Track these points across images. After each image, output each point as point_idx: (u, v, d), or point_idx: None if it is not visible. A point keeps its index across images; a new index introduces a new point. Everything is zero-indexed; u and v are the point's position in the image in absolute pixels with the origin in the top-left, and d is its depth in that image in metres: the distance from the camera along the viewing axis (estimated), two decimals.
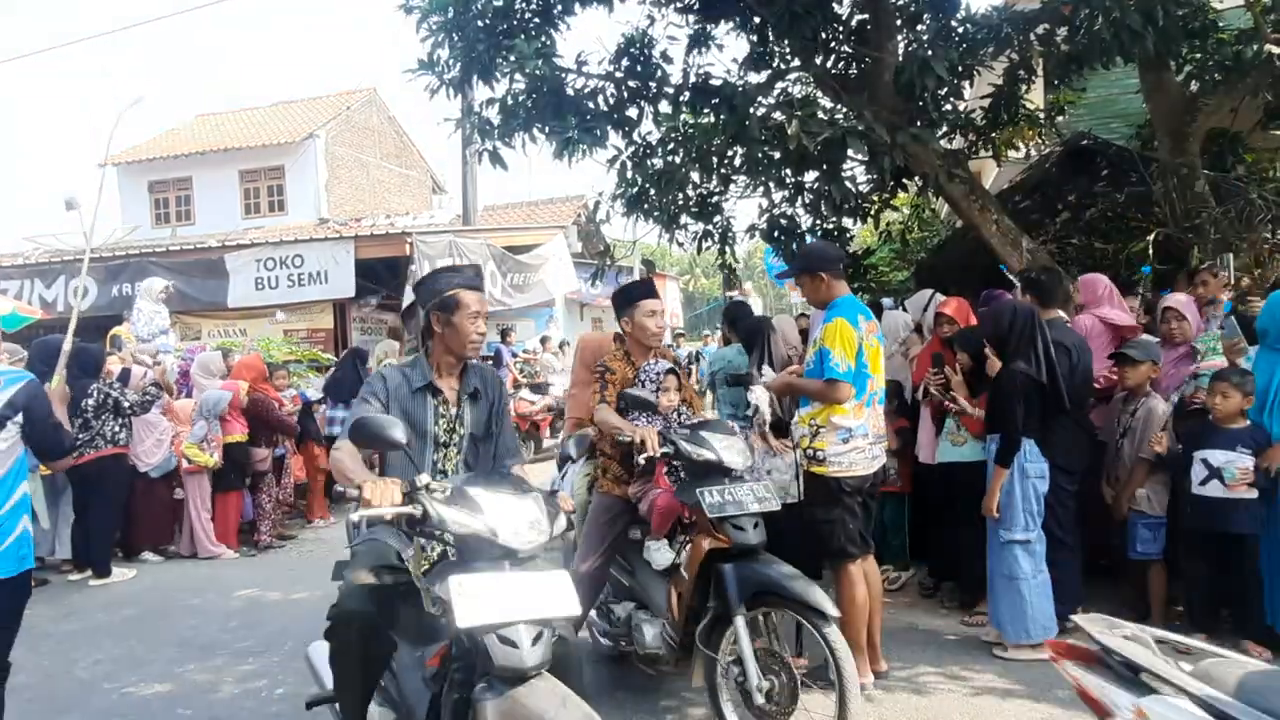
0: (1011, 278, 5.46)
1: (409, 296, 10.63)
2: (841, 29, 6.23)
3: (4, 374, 3.34)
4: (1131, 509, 4.47)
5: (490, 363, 13.73)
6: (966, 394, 4.65)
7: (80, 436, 6.29)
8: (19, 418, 3.23)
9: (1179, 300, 4.86)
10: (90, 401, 6.43)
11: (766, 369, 4.55)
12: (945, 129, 6.56)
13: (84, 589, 6.38)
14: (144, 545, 7.33)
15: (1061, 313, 4.70)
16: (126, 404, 6.69)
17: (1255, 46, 4.91)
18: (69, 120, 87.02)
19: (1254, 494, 4.04)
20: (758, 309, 9.94)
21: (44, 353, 5.53)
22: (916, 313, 5.64)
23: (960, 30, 5.71)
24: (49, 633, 5.28)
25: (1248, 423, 4.15)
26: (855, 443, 3.80)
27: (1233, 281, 5.32)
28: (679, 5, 6.25)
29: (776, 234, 6.60)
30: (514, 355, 13.51)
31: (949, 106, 6.39)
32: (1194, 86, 5.77)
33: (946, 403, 4.71)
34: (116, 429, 6.58)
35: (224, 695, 4.29)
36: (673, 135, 6.10)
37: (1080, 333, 4.67)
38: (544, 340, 13.82)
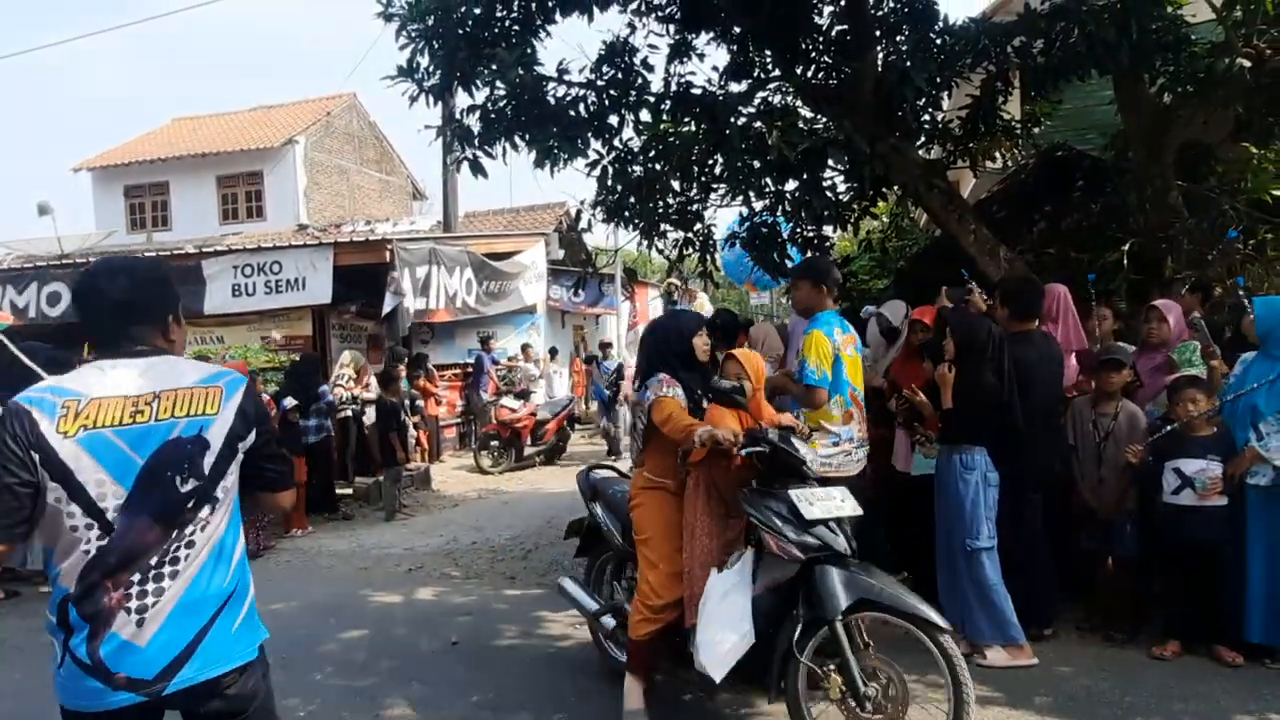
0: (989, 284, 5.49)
1: (389, 303, 10.59)
2: (821, 40, 6.28)
3: (220, 375, 2.09)
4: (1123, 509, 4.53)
5: (471, 370, 13.75)
6: (931, 412, 4.67)
7: None
8: (252, 437, 2.08)
9: (1167, 304, 4.92)
10: None
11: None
12: (924, 139, 6.62)
13: None
14: None
15: (1036, 322, 4.74)
16: None
17: (1227, 60, 4.97)
18: (40, 123, 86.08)
19: (1224, 501, 4.11)
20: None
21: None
22: (896, 320, 5.68)
23: (939, 42, 5.76)
24: (21, 646, 5.14)
25: (1214, 430, 4.21)
26: (843, 446, 4.15)
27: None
28: (660, 14, 6.27)
29: (757, 242, 6.62)
30: (495, 363, 13.48)
31: (927, 117, 6.45)
32: (1167, 99, 5.84)
33: (918, 436, 4.81)
34: None
35: None
36: (654, 143, 6.12)
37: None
38: (525, 348, 13.81)
